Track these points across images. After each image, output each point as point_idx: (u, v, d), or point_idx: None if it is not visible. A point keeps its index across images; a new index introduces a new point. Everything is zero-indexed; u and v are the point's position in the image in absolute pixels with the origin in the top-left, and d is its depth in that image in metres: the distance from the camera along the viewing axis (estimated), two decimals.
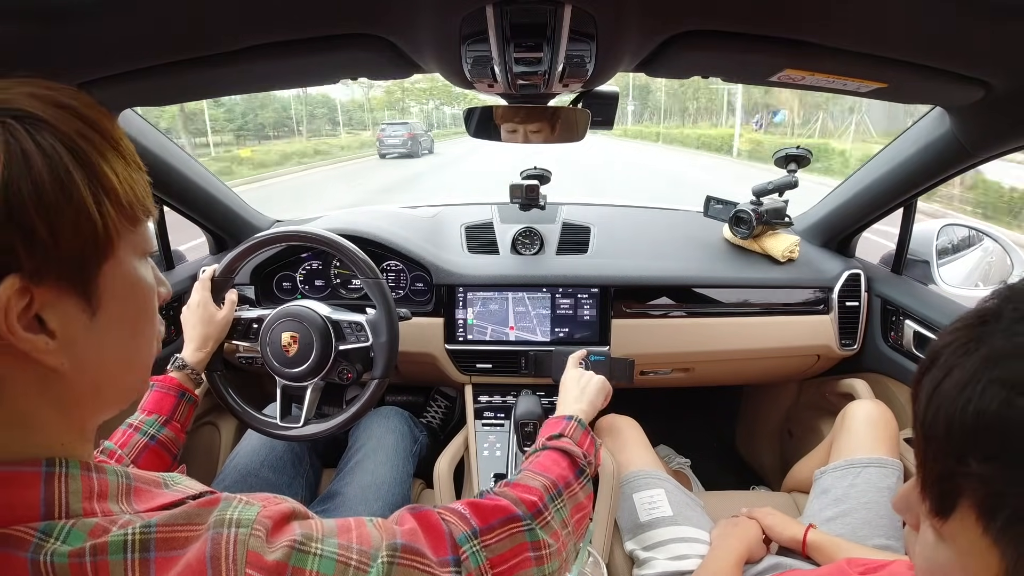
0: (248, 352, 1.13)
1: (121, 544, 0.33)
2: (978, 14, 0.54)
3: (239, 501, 0.38)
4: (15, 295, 0.32)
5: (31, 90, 0.35)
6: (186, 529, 0.35)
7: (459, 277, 1.26)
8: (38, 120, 0.34)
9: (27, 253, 0.33)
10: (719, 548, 0.91)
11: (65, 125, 0.35)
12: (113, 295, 0.38)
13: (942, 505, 0.31)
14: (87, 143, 0.35)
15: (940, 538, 0.32)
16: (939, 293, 1.25)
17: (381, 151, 17.79)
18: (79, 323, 0.36)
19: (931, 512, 0.32)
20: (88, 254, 0.36)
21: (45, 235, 0.33)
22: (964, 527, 0.30)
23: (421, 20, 0.59)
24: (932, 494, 0.32)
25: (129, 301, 0.39)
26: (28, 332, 0.33)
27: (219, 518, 0.36)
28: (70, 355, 0.36)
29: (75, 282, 0.35)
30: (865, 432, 1.03)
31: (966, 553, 0.30)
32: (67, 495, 0.34)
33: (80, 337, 0.36)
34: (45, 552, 0.31)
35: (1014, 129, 0.82)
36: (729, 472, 1.74)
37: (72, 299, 0.36)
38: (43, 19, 0.53)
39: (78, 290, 0.36)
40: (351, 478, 1.06)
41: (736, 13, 0.58)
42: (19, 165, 0.32)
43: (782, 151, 1.25)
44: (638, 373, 1.30)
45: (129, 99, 0.86)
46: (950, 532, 0.31)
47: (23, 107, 0.34)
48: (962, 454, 0.29)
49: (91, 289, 0.36)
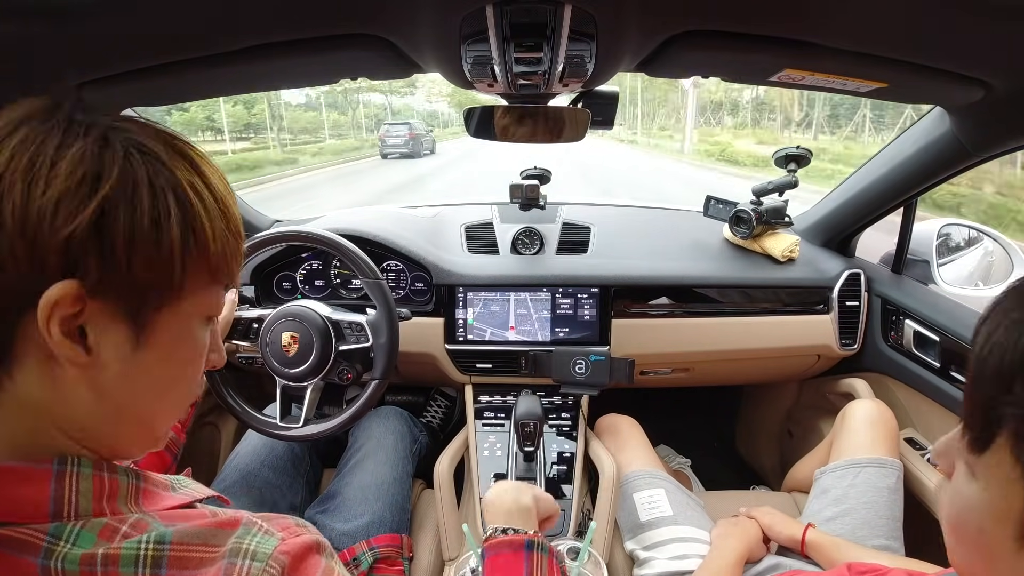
0: (248, 352, 1.13)
1: (133, 558, 0.33)
2: (978, 14, 0.54)
3: (259, 529, 0.37)
4: (68, 299, 0.33)
5: (155, 130, 0.37)
6: (201, 549, 0.34)
7: (459, 277, 1.26)
8: (158, 160, 0.35)
9: (97, 267, 0.33)
10: (719, 548, 0.91)
11: (181, 173, 0.36)
12: (162, 339, 0.38)
13: (982, 434, 0.33)
14: (196, 196, 0.37)
15: (972, 476, 0.34)
16: (939, 293, 1.25)
17: (383, 151, 17.77)
18: (119, 349, 0.36)
19: (970, 445, 0.34)
20: (154, 292, 0.36)
21: (122, 260, 0.34)
22: (999, 460, 0.32)
23: (421, 20, 0.59)
24: (974, 424, 0.33)
25: (175, 352, 0.39)
26: (66, 337, 0.33)
27: (235, 547, 0.35)
28: (100, 379, 0.36)
29: (131, 311, 0.36)
30: (865, 432, 1.03)
31: (995, 489, 0.32)
32: (77, 495, 0.34)
33: (114, 362, 0.36)
34: (56, 557, 0.31)
35: (1014, 129, 0.82)
36: (729, 472, 1.74)
37: (121, 326, 0.36)
38: (43, 19, 0.53)
39: (130, 319, 0.36)
40: (351, 478, 1.06)
41: (736, 13, 0.58)
42: (126, 191, 0.34)
43: (782, 151, 1.25)
44: (638, 373, 1.30)
45: (129, 99, 0.86)
46: (984, 467, 0.33)
47: (148, 144, 0.36)
48: (1009, 382, 0.31)
49: (144, 324, 0.37)
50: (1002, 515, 0.32)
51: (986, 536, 0.33)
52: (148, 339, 0.37)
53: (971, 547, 0.35)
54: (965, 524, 0.35)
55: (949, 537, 0.37)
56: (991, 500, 0.32)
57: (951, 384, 1.08)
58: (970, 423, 0.34)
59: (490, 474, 1.14)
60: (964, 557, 0.36)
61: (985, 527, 0.33)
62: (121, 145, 0.34)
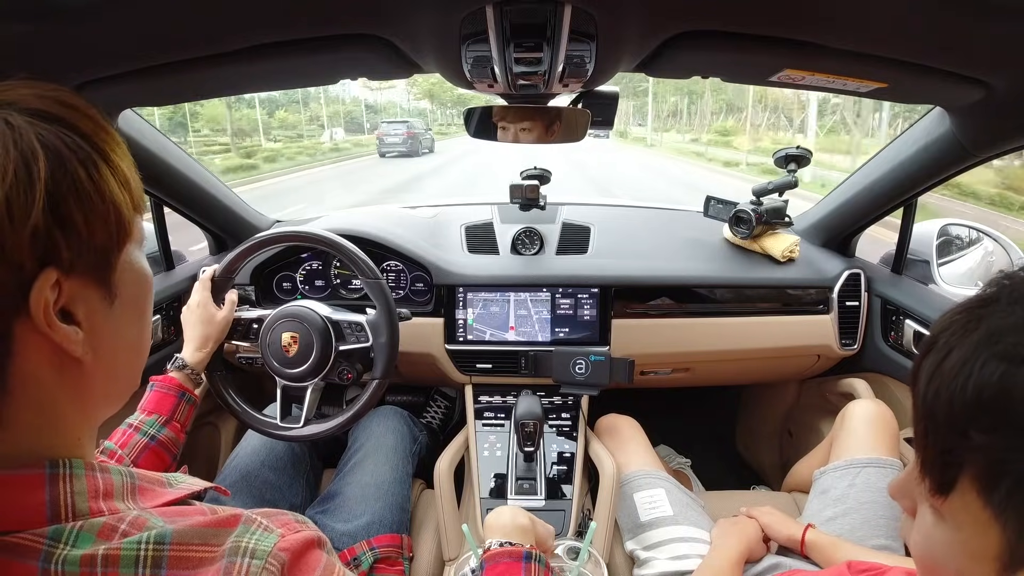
0: (248, 352, 1.13)
1: (133, 559, 0.33)
2: (978, 14, 0.54)
3: (258, 526, 0.37)
4: (51, 288, 0.33)
5: (36, 91, 0.36)
6: (201, 549, 0.34)
7: (459, 277, 1.26)
8: (57, 119, 0.35)
9: (67, 244, 0.34)
10: (719, 548, 0.91)
11: (82, 124, 0.36)
12: (125, 282, 0.39)
13: (943, 481, 0.31)
14: (103, 140, 0.37)
15: (940, 518, 0.33)
16: (939, 293, 1.25)
17: (381, 150, 17.74)
18: (100, 312, 0.37)
19: (931, 491, 0.32)
20: (112, 244, 0.37)
21: (82, 226, 0.35)
22: (965, 503, 0.30)
23: (421, 20, 0.59)
24: (933, 471, 0.32)
25: (136, 286, 0.41)
26: (62, 323, 0.34)
27: (234, 545, 0.35)
28: (93, 345, 0.37)
29: (99, 272, 0.37)
30: (865, 432, 1.03)
31: (967, 530, 0.31)
32: (73, 495, 0.34)
33: (101, 325, 0.38)
34: (56, 560, 0.31)
35: (1014, 129, 0.82)
36: (729, 472, 1.75)
37: (94, 289, 0.37)
38: (43, 19, 0.53)
39: (100, 280, 0.37)
40: (351, 478, 1.06)
41: (736, 13, 0.58)
42: (55, 160, 0.34)
43: (782, 151, 1.25)
44: (638, 373, 1.30)
45: (129, 99, 0.86)
46: (950, 510, 0.32)
47: (40, 107, 0.35)
48: (964, 428, 0.30)
49: (110, 278, 0.38)
50: (979, 554, 0.31)
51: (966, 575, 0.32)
52: (117, 288, 0.38)
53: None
54: (942, 566, 0.33)
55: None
56: (965, 541, 0.31)
57: None
58: (928, 470, 0.33)
59: (490, 474, 1.14)
60: None
61: (963, 568, 0.32)
62: (24, 122, 0.34)
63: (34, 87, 0.36)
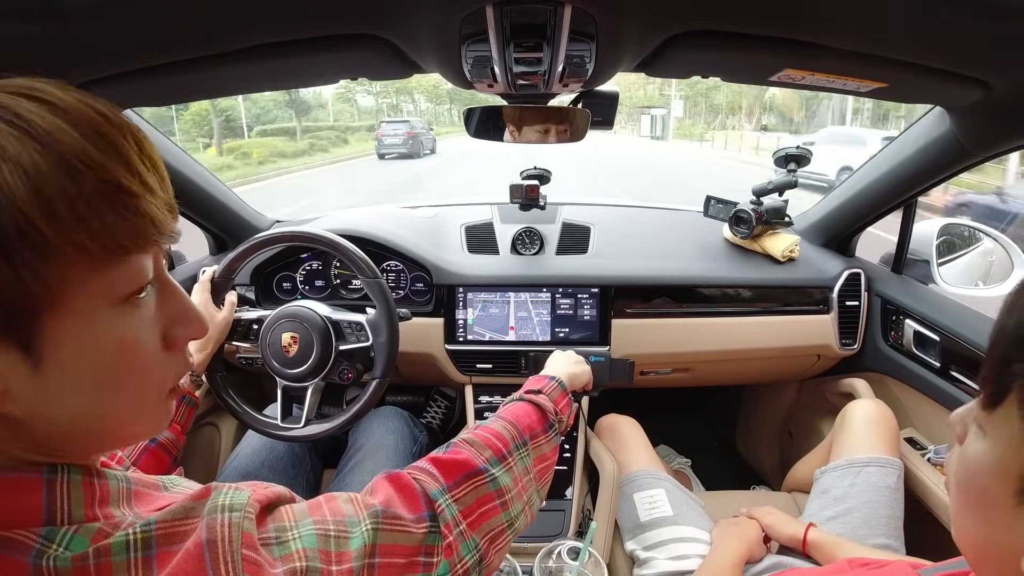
0: (248, 353, 1.13)
1: (124, 544, 0.33)
2: (978, 14, 0.54)
3: (229, 488, 0.39)
4: None
5: None
6: (184, 523, 0.35)
7: (459, 277, 1.26)
8: None
9: None
10: (719, 548, 0.91)
11: None
12: (65, 348, 0.32)
13: (995, 390, 0.34)
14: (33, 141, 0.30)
15: (982, 434, 0.36)
16: (939, 292, 1.25)
17: (380, 151, 17.49)
18: (18, 374, 0.31)
19: (983, 401, 0.36)
20: (15, 308, 0.30)
21: None
22: (1007, 418, 0.33)
23: (421, 20, 0.59)
24: (988, 380, 0.35)
25: (88, 355, 0.33)
26: None
27: (212, 505, 0.36)
28: (18, 405, 0.32)
29: (7, 332, 0.30)
30: (865, 431, 1.03)
31: (1001, 446, 0.34)
32: (69, 502, 0.34)
33: (25, 389, 0.32)
34: (48, 557, 0.31)
35: (1014, 129, 0.82)
36: (729, 472, 1.75)
37: (8, 348, 0.31)
38: (43, 19, 0.53)
39: (14, 339, 0.31)
40: (351, 478, 1.06)
41: (736, 13, 0.58)
42: None
43: (782, 151, 1.25)
44: (638, 373, 1.30)
45: (129, 99, 0.86)
46: (993, 424, 0.35)
47: None
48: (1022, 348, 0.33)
49: (30, 340, 0.31)
50: (1005, 472, 0.33)
51: (989, 494, 0.34)
52: (43, 353, 0.31)
53: (974, 506, 0.36)
54: (971, 484, 0.36)
55: (955, 500, 0.38)
56: (996, 457, 0.34)
57: (951, 384, 1.08)
58: (985, 380, 0.36)
59: None
60: (965, 520, 0.37)
61: (989, 486, 0.34)
62: None
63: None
